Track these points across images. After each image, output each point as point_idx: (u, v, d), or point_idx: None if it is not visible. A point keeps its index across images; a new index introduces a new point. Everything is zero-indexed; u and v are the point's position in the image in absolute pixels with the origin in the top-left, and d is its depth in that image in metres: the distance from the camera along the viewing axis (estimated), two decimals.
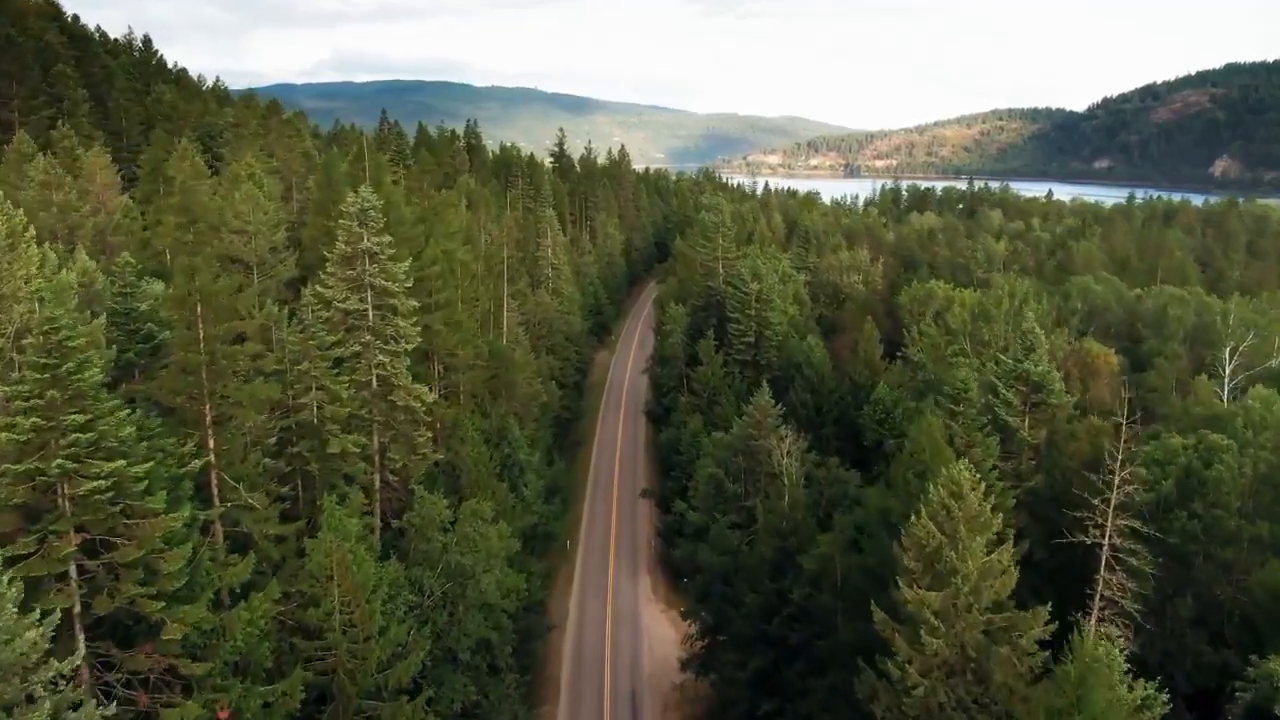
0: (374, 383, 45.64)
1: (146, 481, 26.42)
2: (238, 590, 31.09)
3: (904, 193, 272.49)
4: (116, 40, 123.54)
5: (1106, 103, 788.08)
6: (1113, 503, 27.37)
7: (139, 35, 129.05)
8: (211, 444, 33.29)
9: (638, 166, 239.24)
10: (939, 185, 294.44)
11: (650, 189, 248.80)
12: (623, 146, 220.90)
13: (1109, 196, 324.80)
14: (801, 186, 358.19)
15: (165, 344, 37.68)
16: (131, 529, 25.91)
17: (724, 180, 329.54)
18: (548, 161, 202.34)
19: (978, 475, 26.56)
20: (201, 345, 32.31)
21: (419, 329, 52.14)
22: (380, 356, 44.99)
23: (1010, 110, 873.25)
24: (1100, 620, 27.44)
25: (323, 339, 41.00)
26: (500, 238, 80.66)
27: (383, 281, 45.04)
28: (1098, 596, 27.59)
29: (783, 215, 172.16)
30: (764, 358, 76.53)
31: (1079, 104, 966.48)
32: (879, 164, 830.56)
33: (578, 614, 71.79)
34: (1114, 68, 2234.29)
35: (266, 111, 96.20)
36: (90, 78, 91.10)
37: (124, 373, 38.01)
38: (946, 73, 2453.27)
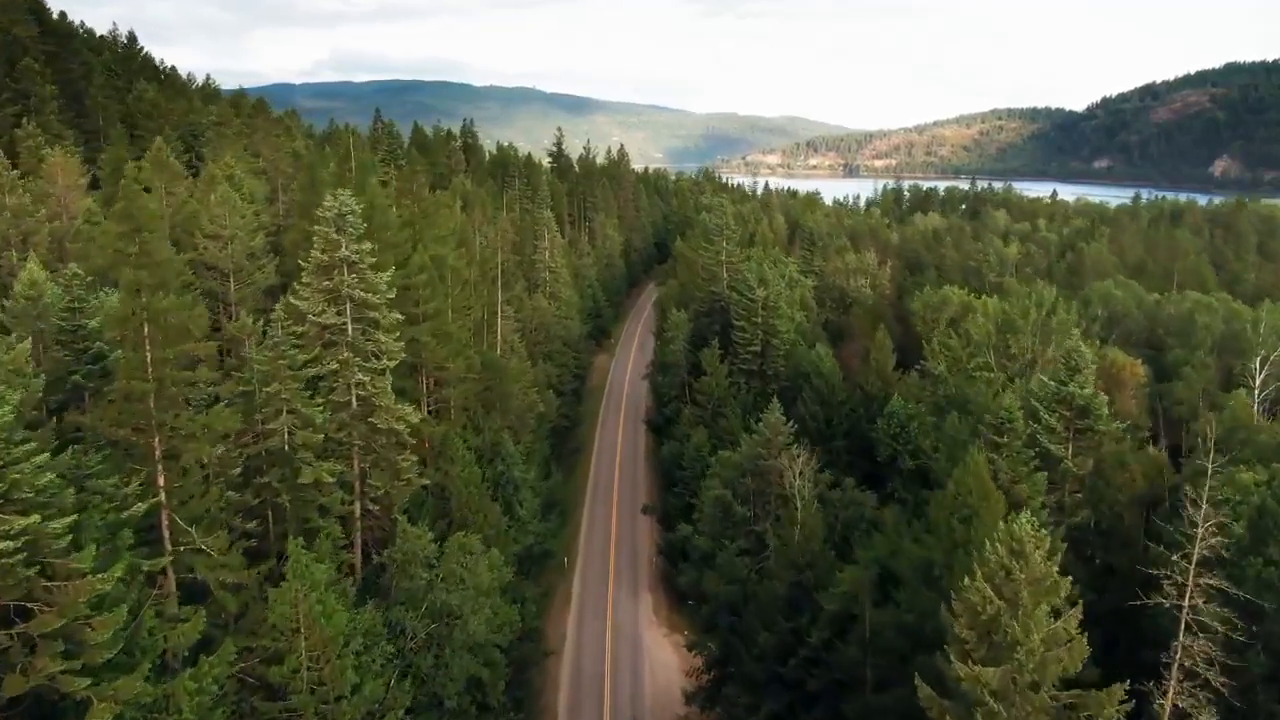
0: (353, 403, 41.77)
1: (71, 535, 22.58)
2: (187, 653, 27.21)
3: (905, 193, 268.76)
4: (101, 37, 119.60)
5: (1106, 102, 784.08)
6: (1195, 558, 23.54)
7: (124, 31, 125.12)
8: (162, 481, 29.42)
9: (637, 166, 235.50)
10: (941, 185, 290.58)
11: (650, 189, 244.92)
12: (622, 146, 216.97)
13: (1110, 196, 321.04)
14: (801, 186, 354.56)
15: (117, 365, 33.77)
16: (51, 594, 22.06)
17: (724, 180, 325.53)
18: (546, 162, 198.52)
19: (1042, 529, 22.69)
20: (149, 370, 28.44)
21: (405, 342, 48.33)
22: (360, 375, 41.11)
23: (1009, 110, 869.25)
24: (1178, 693, 23.65)
25: (294, 357, 37.12)
26: (495, 241, 76.72)
27: (362, 293, 41.17)
28: (1175, 666, 23.77)
29: (784, 216, 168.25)
30: (771, 367, 72.71)
31: (1078, 104, 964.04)
32: (878, 164, 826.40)
33: (576, 637, 67.90)
34: (1113, 68, 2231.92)
35: (253, 110, 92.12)
36: (68, 74, 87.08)
37: (71, 397, 34.16)
38: (946, 72, 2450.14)
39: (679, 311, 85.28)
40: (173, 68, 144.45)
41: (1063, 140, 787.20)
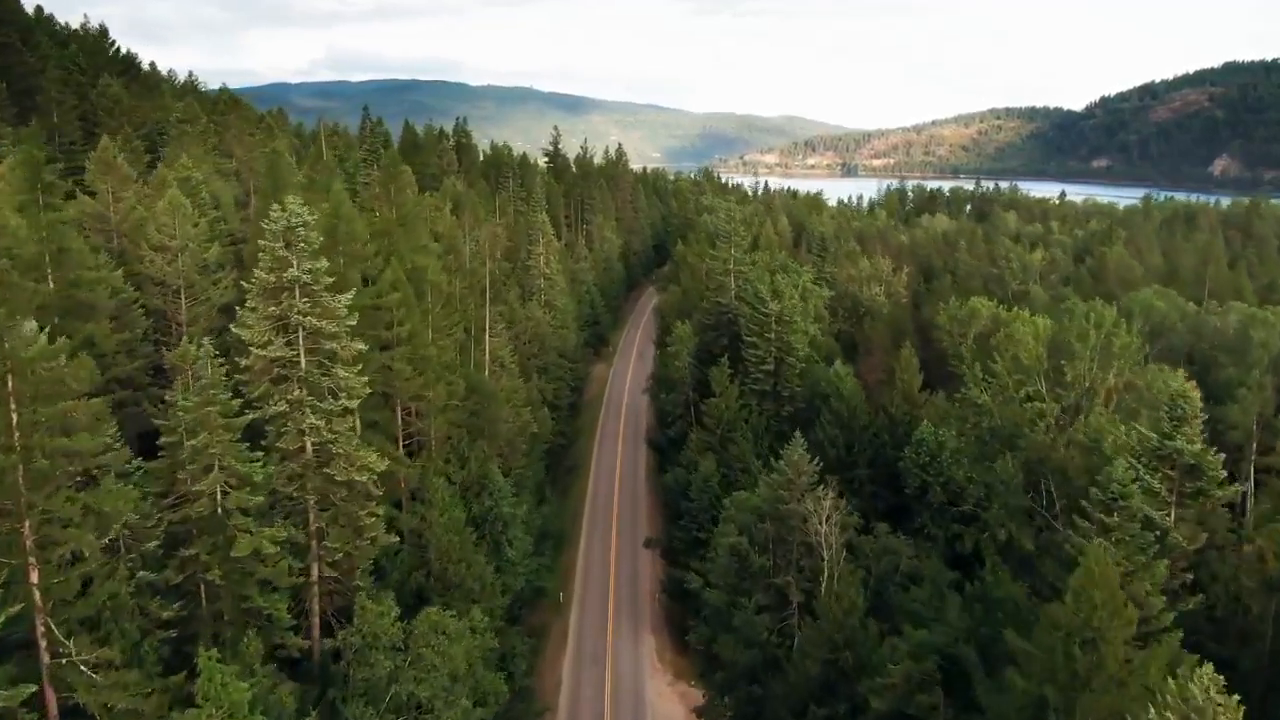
0: (307, 450, 34.99)
1: None
2: None
3: (909, 193, 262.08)
4: (73, 30, 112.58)
5: (1104, 102, 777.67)
6: None
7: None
8: (35, 578, 22.66)
9: (634, 166, 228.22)
10: (945, 185, 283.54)
11: (648, 189, 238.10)
12: (619, 145, 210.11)
13: (1111, 196, 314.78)
14: (799, 186, 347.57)
15: None
16: None
17: (726, 181, 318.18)
18: (542, 162, 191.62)
19: (1233, 697, 16.26)
20: (15, 438, 21.69)
21: (376, 370, 41.60)
22: (313, 418, 34.32)
23: (1008, 110, 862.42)
24: None
25: (227, 403, 30.33)
26: (484, 248, 69.87)
27: (317, 320, 34.38)
28: None
29: (788, 218, 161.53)
30: (785, 387, 66.00)
31: (1076, 103, 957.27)
32: (876, 163, 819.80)
33: (572, 686, 61.17)
34: (1111, 67, 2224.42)
35: (224, 106, 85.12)
36: (24, 67, 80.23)
37: None
38: (943, 72, 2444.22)
39: (682, 324, 78.51)
40: (152, 64, 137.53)
41: (1061, 140, 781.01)
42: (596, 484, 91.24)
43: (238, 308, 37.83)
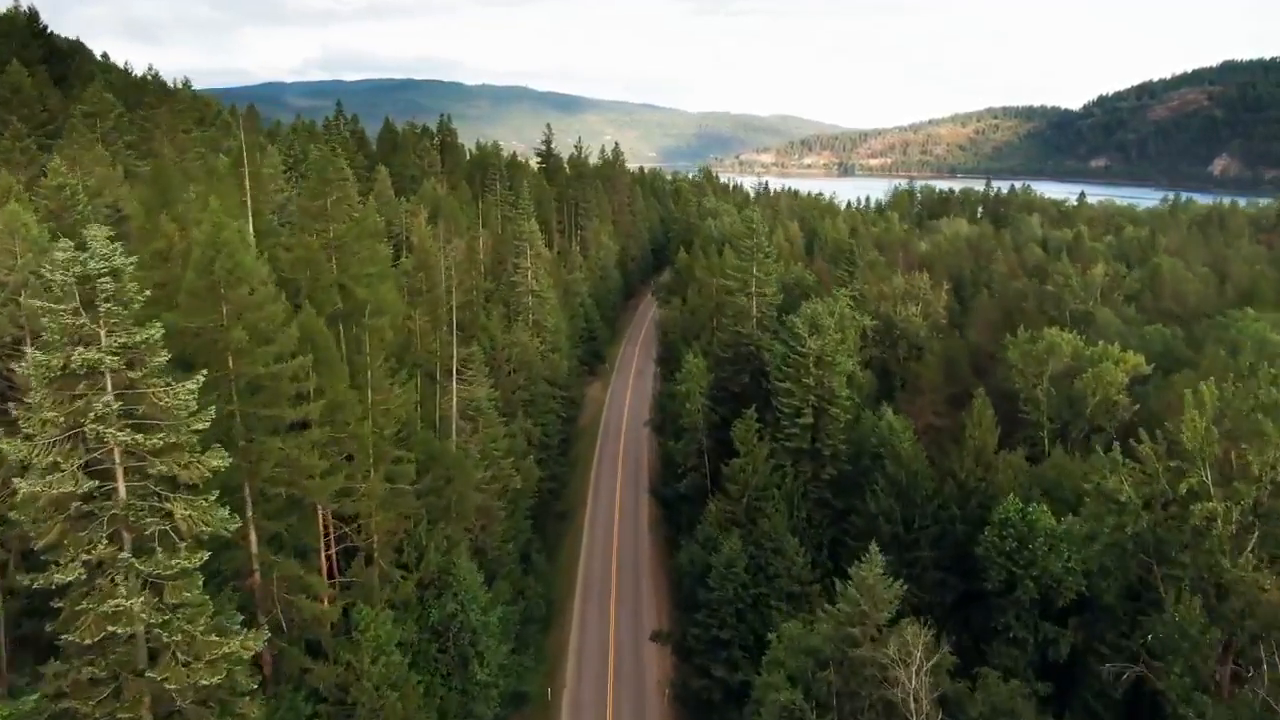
0: (116, 638, 21.31)
1: None
2: None
3: (917, 194, 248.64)
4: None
5: (1102, 101, 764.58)
6: None
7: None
8: None
9: (630, 165, 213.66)
10: (955, 186, 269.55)
11: (646, 191, 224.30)
12: (616, 145, 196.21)
13: (1113, 196, 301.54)
14: (796, 186, 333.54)
15: None
16: None
17: (729, 183, 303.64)
18: (534, 162, 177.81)
19: None
20: None
21: (276, 466, 28.00)
22: (123, 590, 20.63)
23: (1005, 109, 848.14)
24: None
25: None
26: (452, 272, 55.85)
27: (134, 435, 20.71)
28: None
29: (799, 222, 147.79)
30: (826, 443, 52.41)
31: (1073, 102, 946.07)
32: (873, 163, 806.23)
33: None
34: (1108, 66, 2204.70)
35: (153, 100, 71.09)
36: None
37: None
38: (939, 71, 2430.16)
39: (693, 355, 64.57)
40: (104, 55, 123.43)
41: (1059, 139, 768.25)
42: (592, 539, 77.52)
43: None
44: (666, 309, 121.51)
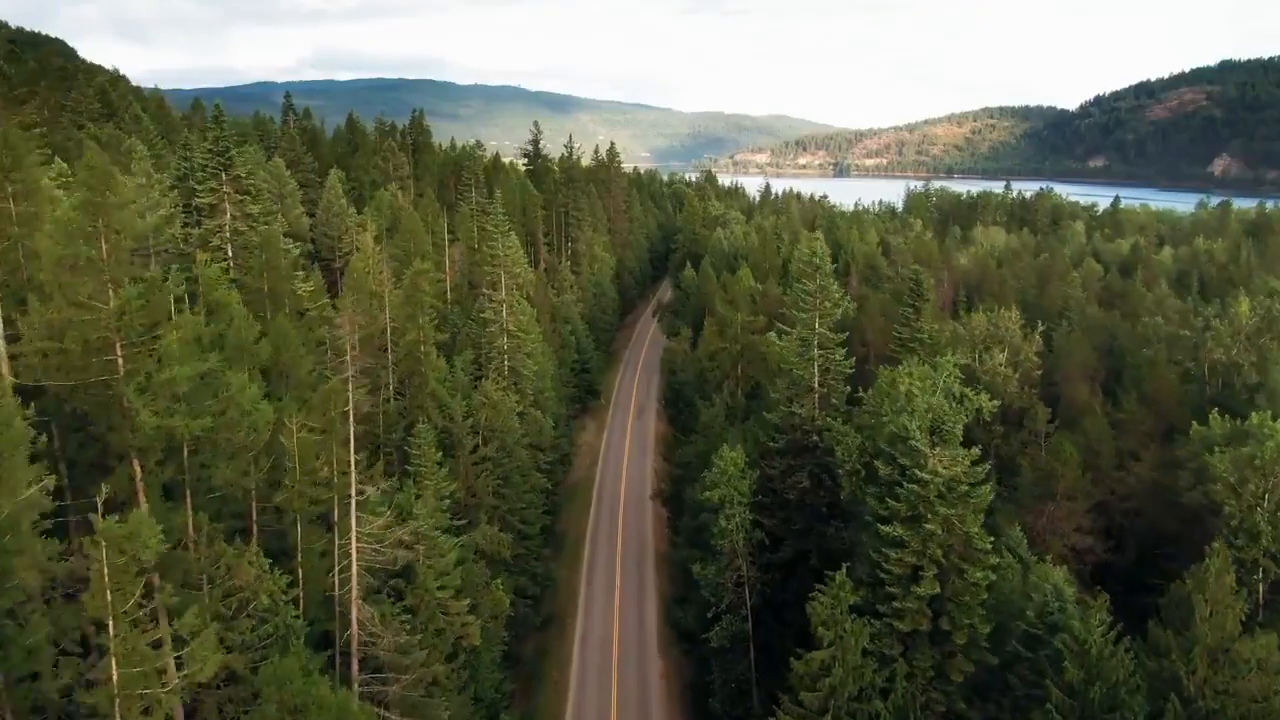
0: None
1: None
2: None
3: (932, 197, 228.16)
4: None
5: (1100, 101, 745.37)
6: None
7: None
8: None
9: (624, 166, 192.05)
10: (973, 188, 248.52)
11: (644, 194, 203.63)
12: (612, 145, 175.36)
13: (1112, 196, 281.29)
14: (791, 186, 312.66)
15: None
16: None
17: (734, 184, 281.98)
18: (520, 163, 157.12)
19: None
20: None
21: None
22: None
23: (1001, 108, 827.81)
24: None
25: None
26: (352, 354, 34.65)
27: None
28: None
29: (824, 233, 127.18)
30: (958, 624, 32.21)
31: (1070, 102, 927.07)
32: (869, 163, 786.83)
33: None
34: (1104, 67, 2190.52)
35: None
36: None
37: None
38: (933, 71, 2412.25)
39: (731, 447, 43.77)
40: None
41: (1056, 139, 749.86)
42: (583, 672, 57.09)
43: None
44: (673, 342, 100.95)
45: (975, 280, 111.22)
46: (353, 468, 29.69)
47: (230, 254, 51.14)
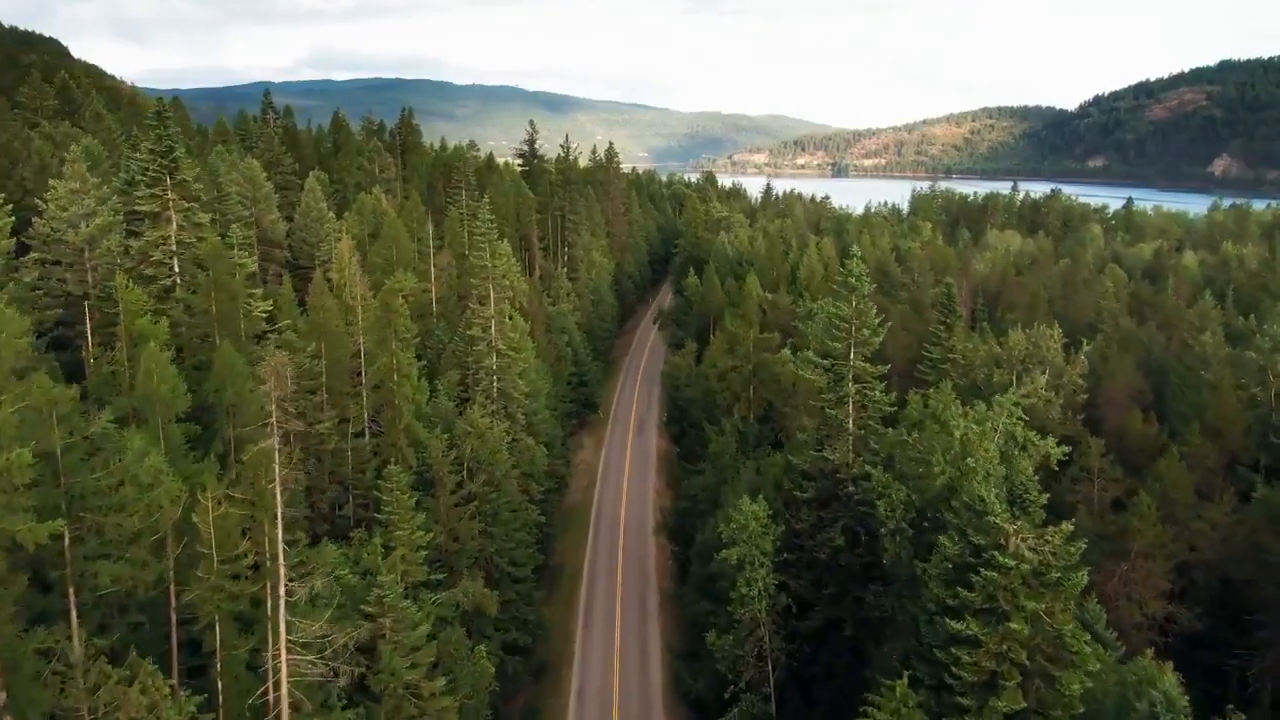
0: None
1: None
2: None
3: (938, 198, 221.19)
4: None
5: (1099, 101, 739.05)
6: None
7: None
8: None
9: (623, 167, 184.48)
10: (979, 188, 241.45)
11: (643, 196, 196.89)
12: (610, 145, 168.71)
13: (1113, 197, 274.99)
14: (789, 186, 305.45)
15: None
16: None
17: (736, 185, 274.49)
18: (516, 163, 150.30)
19: None
20: None
21: None
22: None
23: (1000, 109, 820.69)
24: None
25: None
26: (275, 422, 27.69)
27: None
28: None
29: (833, 237, 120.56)
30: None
31: (1068, 102, 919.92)
32: (867, 163, 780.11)
33: None
34: (1102, 67, 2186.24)
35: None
36: None
37: None
38: (932, 70, 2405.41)
39: (751, 500, 36.97)
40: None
41: (1055, 139, 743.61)
42: None
43: None
44: (677, 356, 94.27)
45: (995, 289, 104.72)
46: (282, 557, 23.03)
47: (177, 269, 44.45)
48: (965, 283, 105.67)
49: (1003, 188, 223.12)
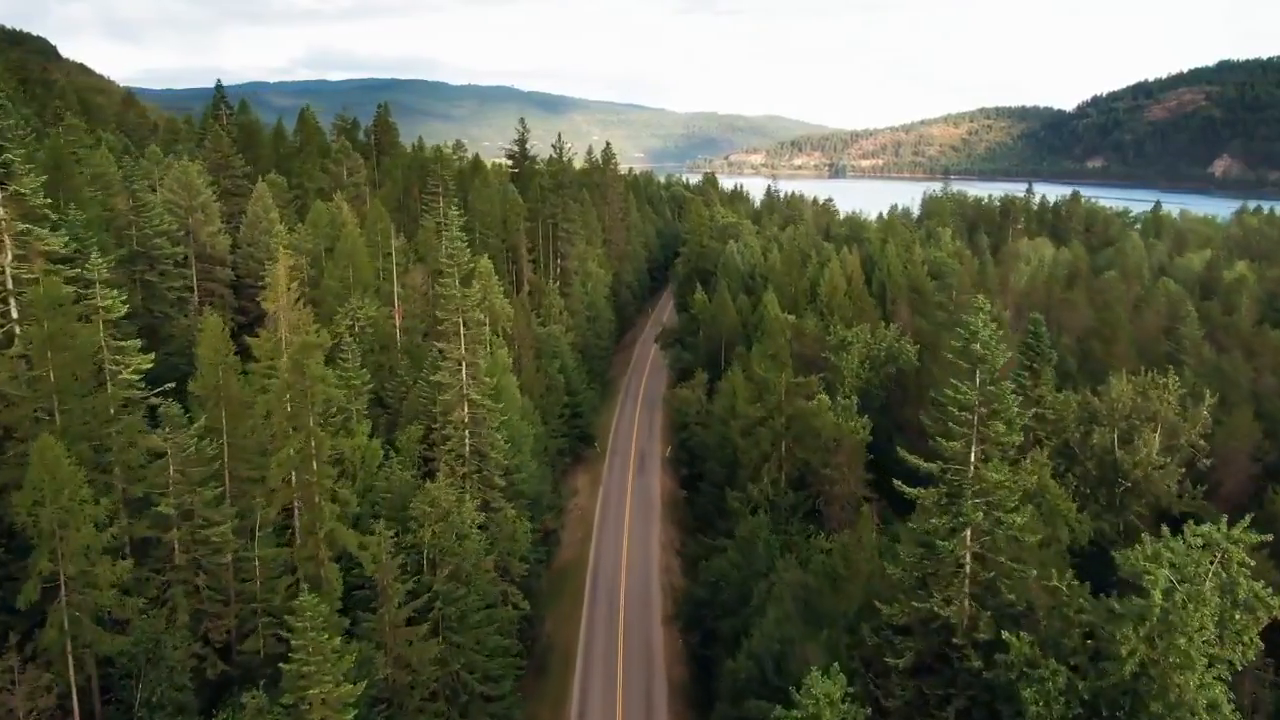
0: None
1: None
2: None
3: (949, 201, 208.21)
4: None
5: (1097, 101, 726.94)
6: None
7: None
8: None
9: (620, 168, 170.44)
10: (994, 191, 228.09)
11: (641, 199, 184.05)
12: (608, 145, 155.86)
13: (1113, 197, 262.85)
14: (796, 189, 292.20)
15: None
16: None
17: (739, 188, 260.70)
18: (505, 164, 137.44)
19: None
20: None
21: None
22: None
23: (998, 109, 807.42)
24: None
25: None
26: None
27: None
28: None
29: (852, 246, 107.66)
30: None
31: (1066, 103, 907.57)
32: (865, 164, 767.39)
33: None
34: (1100, 67, 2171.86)
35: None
36: None
37: None
38: (929, 71, 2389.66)
39: (819, 674, 24.79)
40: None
41: (1053, 139, 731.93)
42: None
43: None
44: (684, 389, 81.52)
45: (1039, 308, 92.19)
46: None
47: (15, 314, 31.75)
48: (1003, 299, 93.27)
49: (1004, 189, 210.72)
